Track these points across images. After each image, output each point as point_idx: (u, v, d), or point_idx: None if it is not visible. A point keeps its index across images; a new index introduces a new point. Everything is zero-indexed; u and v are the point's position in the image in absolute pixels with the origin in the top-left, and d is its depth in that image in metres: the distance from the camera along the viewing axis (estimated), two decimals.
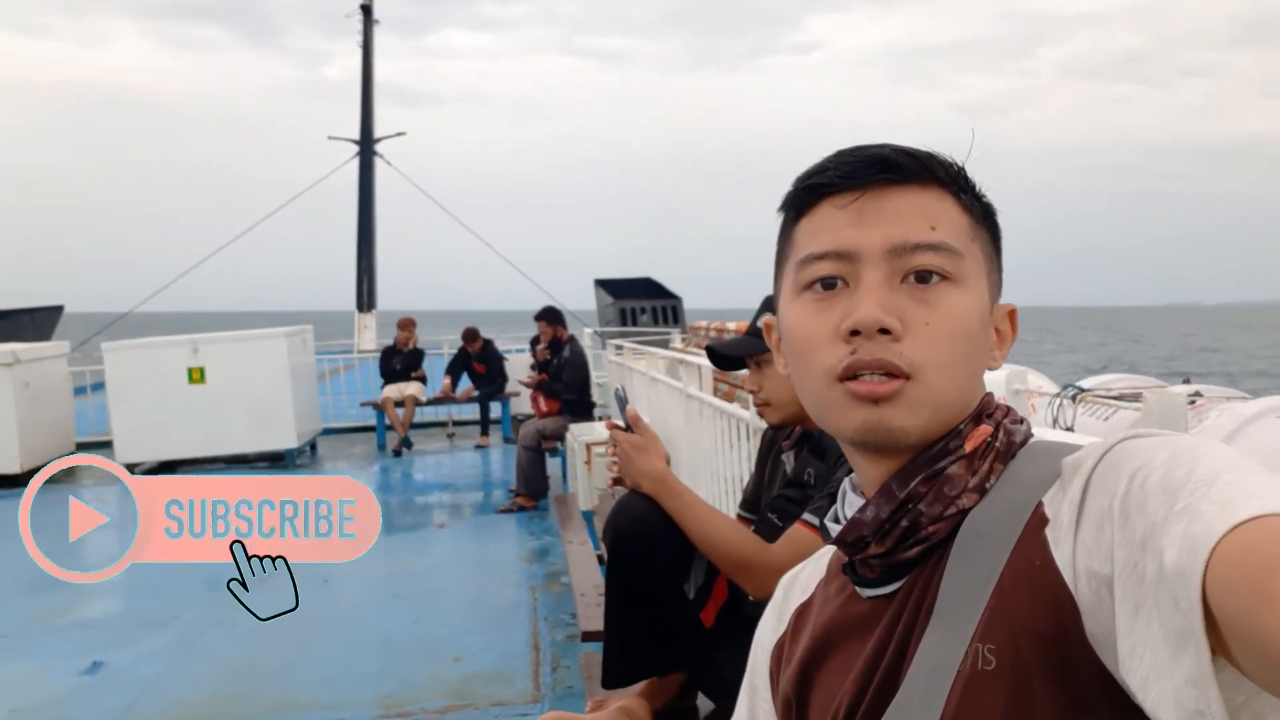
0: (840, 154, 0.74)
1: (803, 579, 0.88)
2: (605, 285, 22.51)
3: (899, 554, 0.71)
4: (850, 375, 0.69)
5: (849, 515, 0.75)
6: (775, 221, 0.81)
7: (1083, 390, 3.81)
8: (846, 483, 0.79)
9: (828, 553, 0.86)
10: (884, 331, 0.69)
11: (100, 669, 3.81)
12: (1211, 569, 0.49)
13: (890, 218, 0.71)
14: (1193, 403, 3.58)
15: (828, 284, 0.72)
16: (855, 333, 0.69)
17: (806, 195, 0.75)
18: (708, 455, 4.59)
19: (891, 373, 0.69)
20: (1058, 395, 3.77)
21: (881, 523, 0.71)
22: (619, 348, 9.11)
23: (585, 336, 10.53)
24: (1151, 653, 0.53)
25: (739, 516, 2.05)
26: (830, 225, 0.73)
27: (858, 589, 0.76)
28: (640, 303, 21.64)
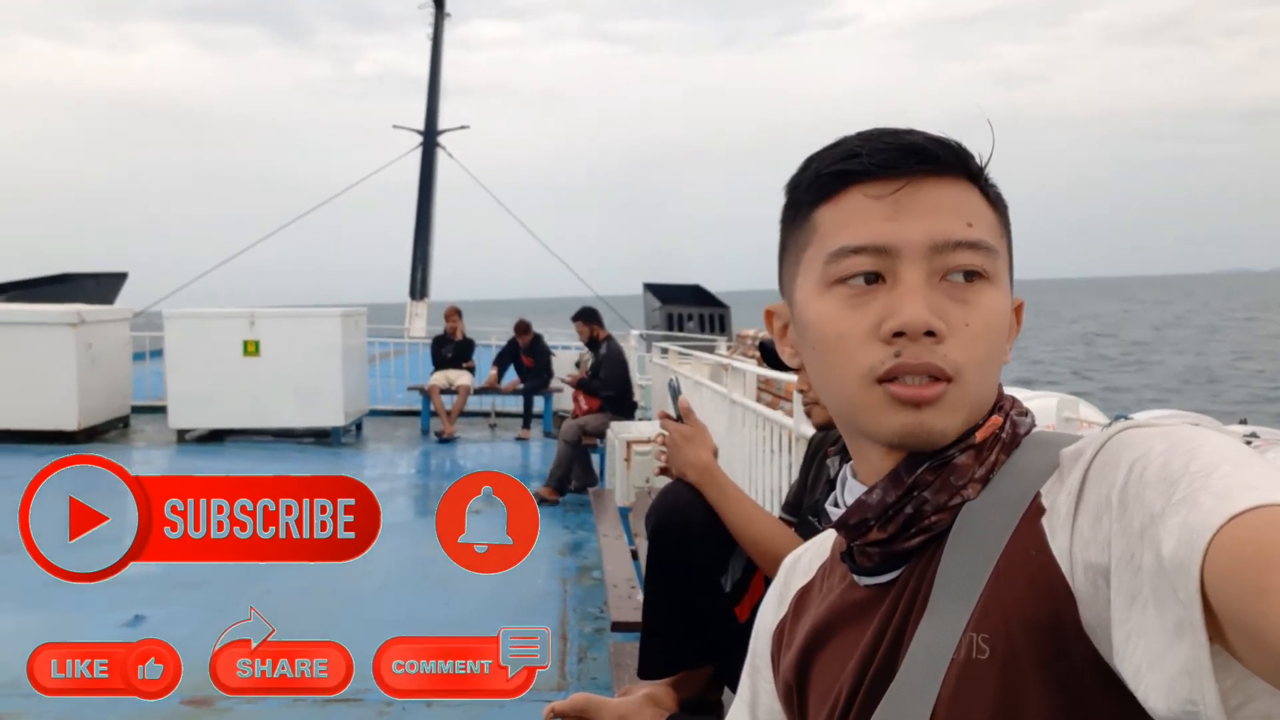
0: (868, 138, 0.71)
1: (804, 562, 0.88)
2: (654, 290, 22.55)
3: (899, 543, 0.71)
4: (891, 377, 0.68)
5: (849, 501, 0.74)
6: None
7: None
8: (847, 469, 0.78)
9: (830, 536, 0.85)
10: (928, 333, 0.67)
11: (140, 623, 3.91)
12: (1209, 560, 0.49)
13: (929, 212, 0.68)
14: (1248, 443, 3.49)
15: (868, 279, 0.69)
16: (898, 334, 0.67)
17: (834, 181, 0.71)
18: (747, 463, 4.58)
19: (935, 375, 0.67)
20: (1109, 425, 3.71)
21: (886, 507, 0.70)
22: (664, 350, 9.12)
23: (631, 338, 10.55)
24: (1146, 642, 0.53)
25: (779, 518, 2.05)
26: (864, 216, 0.69)
27: (856, 577, 0.75)
28: (688, 309, 21.65)
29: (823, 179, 0.72)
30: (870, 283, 0.70)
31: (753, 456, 4.49)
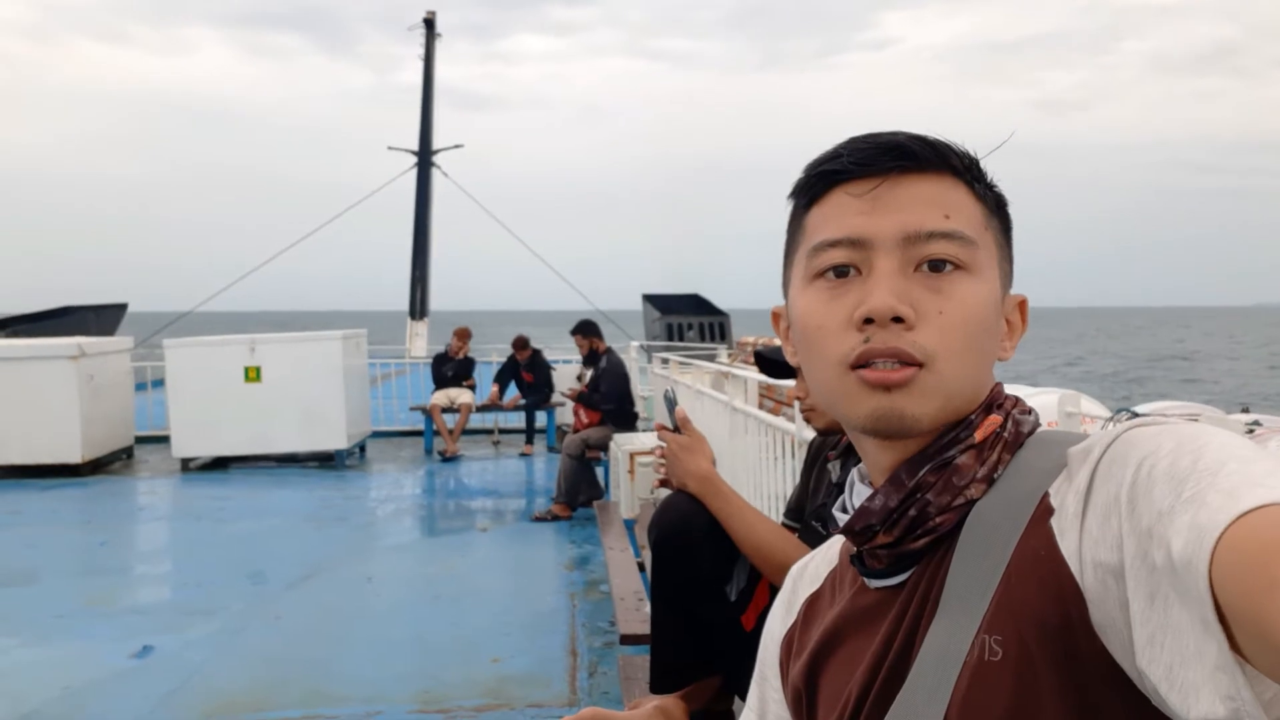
0: (854, 141, 0.73)
1: (811, 569, 0.88)
2: (653, 300, 22.54)
3: (906, 544, 0.71)
4: (862, 363, 0.69)
5: (857, 505, 0.74)
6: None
7: (1137, 415, 3.72)
8: (855, 472, 0.78)
9: (837, 542, 0.85)
10: (897, 320, 0.68)
11: (149, 653, 3.90)
12: (1217, 558, 0.49)
13: (904, 206, 0.70)
14: (1251, 431, 3.48)
15: (840, 272, 0.71)
16: (868, 321, 0.69)
17: (819, 182, 0.74)
18: (751, 469, 4.57)
19: (904, 360, 0.68)
20: (1111, 419, 3.70)
21: (890, 512, 0.71)
22: (665, 360, 9.13)
23: (632, 349, 10.56)
24: (1174, 639, 0.53)
25: (782, 524, 2.05)
26: (843, 213, 0.72)
27: (866, 580, 0.75)
28: (688, 319, 21.63)
29: (810, 181, 0.75)
30: (843, 275, 0.71)
31: (757, 463, 4.49)
